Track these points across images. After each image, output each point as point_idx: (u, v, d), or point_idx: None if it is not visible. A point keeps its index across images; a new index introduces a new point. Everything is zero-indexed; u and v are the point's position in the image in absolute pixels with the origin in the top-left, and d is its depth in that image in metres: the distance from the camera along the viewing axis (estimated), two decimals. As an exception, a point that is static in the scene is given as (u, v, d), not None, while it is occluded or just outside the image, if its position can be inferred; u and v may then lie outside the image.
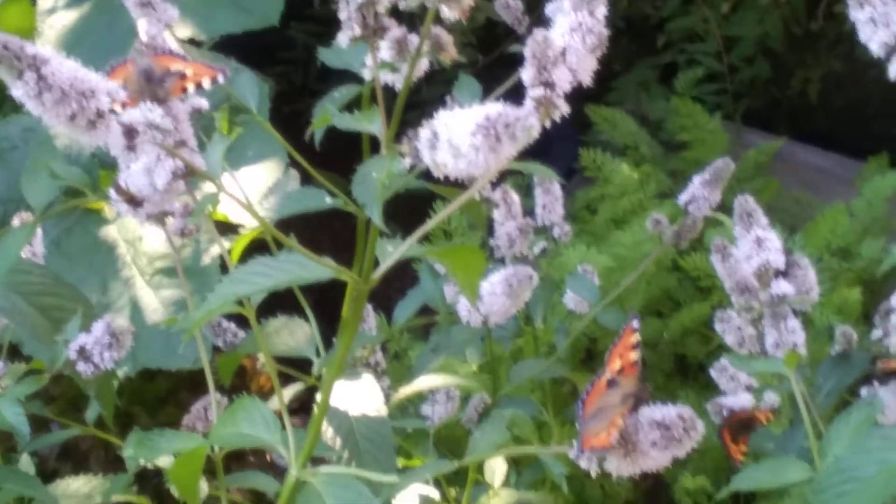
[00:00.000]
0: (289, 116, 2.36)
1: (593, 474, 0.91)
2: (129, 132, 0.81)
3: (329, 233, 2.25)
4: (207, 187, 0.92)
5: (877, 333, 1.31)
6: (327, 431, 1.14)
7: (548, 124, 0.79)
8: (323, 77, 2.58)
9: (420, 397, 1.47)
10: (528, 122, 0.72)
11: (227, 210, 1.48)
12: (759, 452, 1.32)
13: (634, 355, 0.97)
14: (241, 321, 1.26)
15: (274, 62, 2.75)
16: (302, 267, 0.89)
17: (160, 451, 1.03)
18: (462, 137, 0.73)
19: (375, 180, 0.85)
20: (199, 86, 0.96)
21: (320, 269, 0.88)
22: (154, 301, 1.91)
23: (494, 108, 0.73)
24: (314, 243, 0.96)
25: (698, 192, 1.36)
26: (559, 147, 2.51)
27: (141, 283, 1.94)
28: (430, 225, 0.85)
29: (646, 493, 2.10)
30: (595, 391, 0.95)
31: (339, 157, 1.38)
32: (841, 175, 2.49)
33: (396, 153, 0.87)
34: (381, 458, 1.14)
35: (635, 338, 0.97)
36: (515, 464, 1.90)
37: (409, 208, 1.65)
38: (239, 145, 2.03)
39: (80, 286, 1.94)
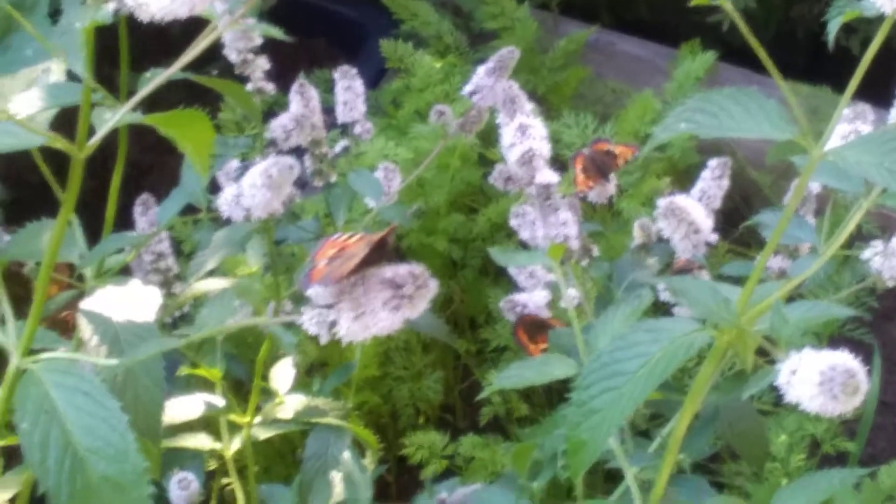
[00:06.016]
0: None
1: (322, 340, 0.83)
2: None
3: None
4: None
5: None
6: (92, 339, 1.07)
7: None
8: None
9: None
10: None
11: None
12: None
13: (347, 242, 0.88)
14: (7, 225, 1.21)
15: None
16: (9, 135, 0.81)
17: None
18: None
19: (78, 31, 0.77)
20: None
21: (30, 135, 0.81)
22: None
23: None
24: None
25: (482, 81, 1.29)
26: (375, 43, 2.42)
27: None
28: (144, 92, 0.78)
29: (461, 395, 2.07)
30: (315, 272, 0.86)
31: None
32: (660, 65, 2.44)
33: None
34: (149, 366, 1.07)
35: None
36: (321, 368, 1.85)
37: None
38: (17, 44, 1.93)
39: None
